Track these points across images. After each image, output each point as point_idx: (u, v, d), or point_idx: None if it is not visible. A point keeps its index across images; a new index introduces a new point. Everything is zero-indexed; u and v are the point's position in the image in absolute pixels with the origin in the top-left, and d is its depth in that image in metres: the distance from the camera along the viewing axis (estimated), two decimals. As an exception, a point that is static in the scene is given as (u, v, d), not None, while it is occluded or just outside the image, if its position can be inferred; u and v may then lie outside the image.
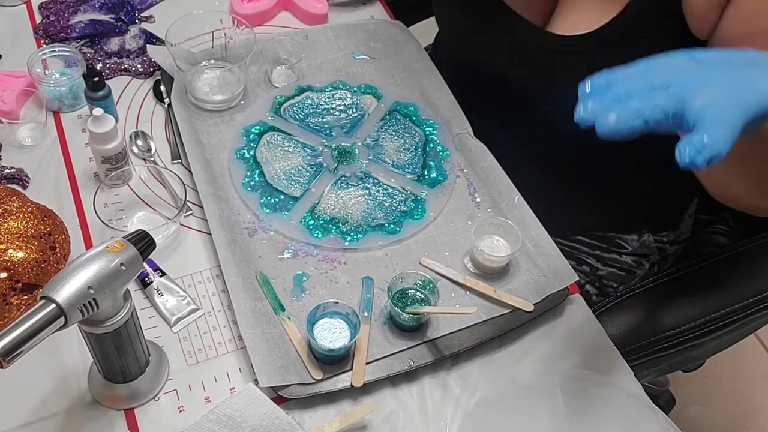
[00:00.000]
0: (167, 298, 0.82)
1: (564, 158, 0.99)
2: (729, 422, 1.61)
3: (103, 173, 0.92)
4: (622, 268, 1.04)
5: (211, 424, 0.72)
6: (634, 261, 1.05)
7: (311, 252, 0.87)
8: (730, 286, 0.92)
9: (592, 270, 1.04)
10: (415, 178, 0.96)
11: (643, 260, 1.05)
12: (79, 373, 0.77)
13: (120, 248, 0.63)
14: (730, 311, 0.89)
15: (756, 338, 1.74)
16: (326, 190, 0.93)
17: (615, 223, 1.05)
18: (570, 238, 1.05)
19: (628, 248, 1.04)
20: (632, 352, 0.90)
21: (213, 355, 0.80)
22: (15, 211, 0.80)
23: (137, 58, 1.07)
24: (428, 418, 0.77)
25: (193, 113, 0.99)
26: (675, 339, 0.91)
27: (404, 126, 1.01)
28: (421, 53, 1.10)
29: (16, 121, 0.96)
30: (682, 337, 0.90)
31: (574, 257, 1.04)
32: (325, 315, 0.79)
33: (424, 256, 0.88)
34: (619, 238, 1.05)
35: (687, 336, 0.90)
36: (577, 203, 1.02)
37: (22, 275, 0.77)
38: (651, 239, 1.05)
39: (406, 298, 0.81)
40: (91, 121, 0.87)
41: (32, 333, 0.57)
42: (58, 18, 1.10)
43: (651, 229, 1.05)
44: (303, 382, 0.76)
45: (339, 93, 1.05)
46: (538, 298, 0.84)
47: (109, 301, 0.63)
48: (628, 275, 1.05)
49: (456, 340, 0.81)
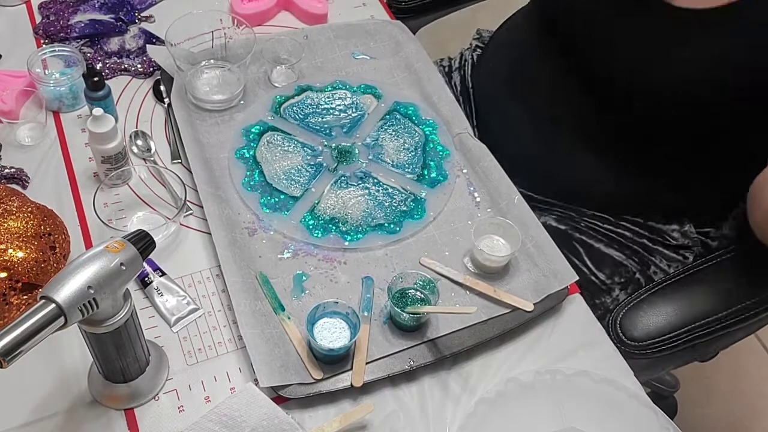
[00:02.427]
0: (167, 298, 0.82)
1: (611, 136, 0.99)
2: (729, 422, 1.61)
3: (103, 173, 0.92)
4: (669, 257, 1.05)
5: (211, 424, 0.72)
6: (678, 254, 1.05)
7: (311, 252, 0.87)
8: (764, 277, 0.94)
9: (640, 260, 1.04)
10: (415, 178, 0.96)
11: (686, 252, 1.05)
12: (79, 373, 0.77)
13: (120, 248, 0.63)
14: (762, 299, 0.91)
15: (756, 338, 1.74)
16: (326, 189, 0.93)
17: (653, 208, 1.05)
18: (617, 224, 1.05)
19: (672, 242, 1.05)
20: (668, 341, 0.91)
21: (213, 354, 0.80)
22: (15, 211, 0.80)
23: (137, 58, 1.07)
24: (428, 418, 0.77)
25: (193, 113, 0.99)
26: (706, 328, 0.91)
27: (404, 126, 1.01)
28: (421, 53, 1.10)
29: (16, 121, 0.96)
30: (712, 326, 0.91)
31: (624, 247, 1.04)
32: (325, 315, 0.79)
33: (424, 255, 0.88)
34: (660, 228, 1.05)
35: (717, 325, 0.91)
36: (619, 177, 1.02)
37: (22, 275, 0.77)
38: (692, 230, 1.05)
39: (406, 298, 0.81)
40: (91, 121, 0.87)
41: (32, 333, 0.57)
42: (58, 18, 1.10)
43: (692, 221, 1.06)
44: (303, 382, 0.76)
45: (339, 93, 1.05)
46: (538, 298, 0.84)
47: (109, 301, 0.63)
48: (675, 264, 1.05)
49: (456, 340, 0.81)
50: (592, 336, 0.85)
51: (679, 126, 0.93)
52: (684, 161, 0.99)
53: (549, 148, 1.03)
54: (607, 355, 0.83)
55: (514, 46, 1.12)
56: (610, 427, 0.77)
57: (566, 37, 1.00)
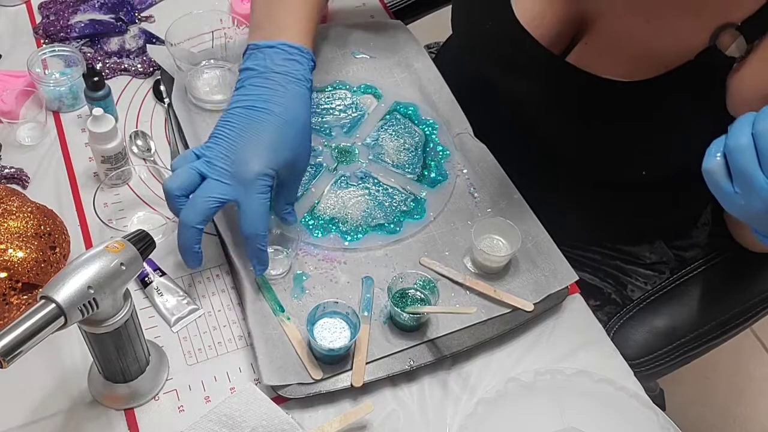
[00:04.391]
0: (167, 298, 0.82)
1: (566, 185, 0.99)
2: (729, 422, 1.61)
3: (103, 173, 0.92)
4: (645, 275, 1.04)
5: (211, 424, 0.72)
6: (654, 270, 1.04)
7: (311, 252, 0.87)
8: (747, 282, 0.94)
9: (615, 281, 1.04)
10: (415, 178, 0.96)
11: (663, 267, 1.05)
12: (79, 373, 0.77)
13: (120, 248, 0.63)
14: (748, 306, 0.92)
15: (756, 338, 1.74)
16: (326, 189, 0.93)
17: (622, 236, 1.05)
18: (586, 249, 1.05)
19: (646, 261, 1.04)
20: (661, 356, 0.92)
21: (213, 354, 0.80)
22: (15, 211, 0.80)
23: (137, 58, 1.07)
24: (428, 418, 0.77)
25: (194, 113, 0.99)
26: (698, 340, 0.92)
27: (404, 126, 1.01)
28: (421, 53, 1.10)
29: (15, 121, 0.96)
30: (704, 338, 0.92)
31: (597, 270, 1.04)
32: (325, 315, 0.79)
33: (424, 255, 0.88)
34: (630, 250, 1.05)
35: (708, 336, 0.92)
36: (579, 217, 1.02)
37: (22, 275, 0.77)
38: (663, 245, 1.05)
39: (406, 298, 0.81)
40: (91, 120, 0.87)
41: (32, 333, 0.57)
42: (58, 18, 1.10)
43: (661, 238, 1.05)
44: (303, 382, 0.76)
45: (339, 93, 1.04)
46: (538, 298, 0.84)
47: (109, 301, 0.63)
48: (652, 281, 1.04)
49: (456, 340, 0.81)
50: (592, 336, 0.85)
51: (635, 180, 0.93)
52: (647, 195, 0.98)
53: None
54: (607, 355, 0.84)
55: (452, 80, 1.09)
56: (610, 427, 0.77)
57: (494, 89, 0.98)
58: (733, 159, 0.56)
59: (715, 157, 0.58)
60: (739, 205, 0.58)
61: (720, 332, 0.93)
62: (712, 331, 0.92)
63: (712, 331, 0.92)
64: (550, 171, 0.97)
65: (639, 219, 1.03)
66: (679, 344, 0.92)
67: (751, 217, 0.60)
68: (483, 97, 1.01)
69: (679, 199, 1.01)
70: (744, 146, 0.55)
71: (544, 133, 0.94)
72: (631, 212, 1.01)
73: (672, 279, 0.97)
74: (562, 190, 0.99)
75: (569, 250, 1.03)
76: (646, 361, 0.91)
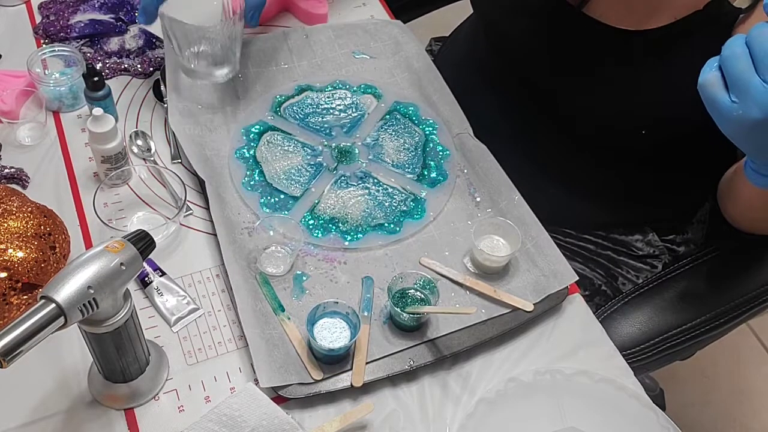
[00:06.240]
0: (167, 298, 0.82)
1: (564, 154, 0.99)
2: (729, 422, 1.61)
3: (103, 173, 0.92)
4: (637, 268, 1.04)
5: (211, 424, 0.72)
6: (646, 264, 1.05)
7: (311, 252, 0.87)
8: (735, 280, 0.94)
9: (606, 272, 1.04)
10: (415, 177, 0.96)
11: (655, 261, 1.05)
12: (79, 373, 0.77)
13: (120, 248, 0.63)
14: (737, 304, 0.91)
15: (756, 338, 1.74)
16: (326, 189, 0.93)
17: (614, 221, 1.05)
18: (579, 237, 1.05)
19: (638, 252, 1.04)
20: (645, 350, 0.91)
21: (213, 354, 0.80)
22: (15, 210, 0.80)
23: (137, 58, 1.07)
24: (428, 418, 0.77)
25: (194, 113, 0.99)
26: (683, 336, 0.92)
27: (404, 126, 1.01)
28: (421, 53, 1.10)
29: (15, 121, 0.96)
30: (690, 334, 0.92)
31: (588, 260, 1.04)
32: (325, 315, 0.79)
33: (424, 255, 0.88)
34: (623, 240, 1.05)
35: (694, 332, 0.92)
36: (575, 198, 1.02)
37: (22, 275, 0.77)
38: (656, 238, 1.05)
39: (406, 298, 0.81)
40: (91, 120, 0.87)
41: (32, 333, 0.57)
42: (58, 18, 1.10)
43: (654, 230, 1.05)
44: (303, 382, 0.76)
45: (339, 92, 1.05)
46: (537, 298, 0.84)
47: (109, 300, 0.63)
48: (643, 274, 1.05)
49: (456, 340, 0.81)
50: (592, 336, 0.85)
51: (633, 143, 0.93)
52: (642, 175, 0.98)
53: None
54: (607, 355, 0.83)
55: (460, 65, 1.10)
56: (610, 427, 0.77)
57: (508, 61, 1.01)
58: (728, 67, 0.59)
59: (711, 70, 0.60)
60: (735, 118, 0.59)
61: (707, 328, 0.92)
62: (699, 326, 0.92)
63: (698, 327, 0.92)
64: (550, 128, 0.98)
65: (636, 206, 1.03)
66: (664, 338, 0.92)
67: (747, 133, 0.61)
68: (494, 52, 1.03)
69: (679, 187, 1.01)
70: (739, 54, 0.58)
71: (547, 87, 0.96)
72: (624, 194, 1.01)
73: (662, 273, 0.97)
74: (558, 158, 1.00)
75: (561, 238, 1.03)
76: (632, 353, 0.91)
